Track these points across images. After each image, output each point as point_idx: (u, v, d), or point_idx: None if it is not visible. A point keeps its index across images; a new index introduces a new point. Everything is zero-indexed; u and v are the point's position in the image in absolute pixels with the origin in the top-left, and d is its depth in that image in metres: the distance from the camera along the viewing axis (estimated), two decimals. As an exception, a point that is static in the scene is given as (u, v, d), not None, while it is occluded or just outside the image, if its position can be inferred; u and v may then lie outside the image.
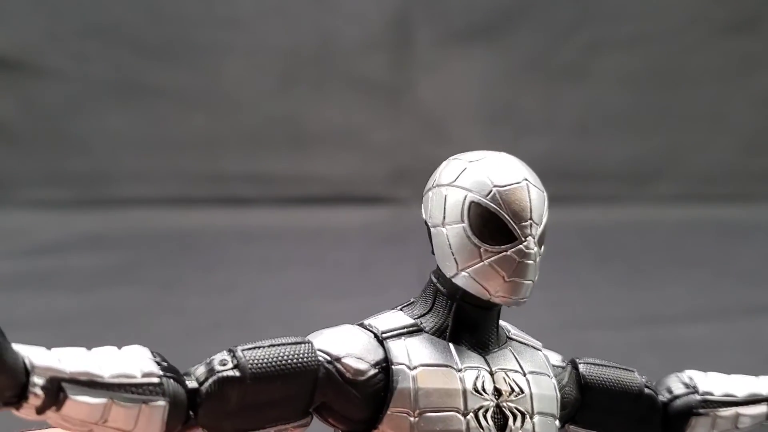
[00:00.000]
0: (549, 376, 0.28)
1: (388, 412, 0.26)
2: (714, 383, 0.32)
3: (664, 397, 0.32)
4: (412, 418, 0.25)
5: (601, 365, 0.32)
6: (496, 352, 0.28)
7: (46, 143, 1.56)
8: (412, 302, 0.30)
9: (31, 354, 0.25)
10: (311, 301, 1.08)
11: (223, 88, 1.56)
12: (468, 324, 0.27)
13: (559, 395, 0.28)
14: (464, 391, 0.26)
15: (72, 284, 1.20)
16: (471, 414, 0.26)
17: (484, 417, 0.26)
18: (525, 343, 0.30)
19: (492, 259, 0.26)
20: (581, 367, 0.31)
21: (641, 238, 1.38)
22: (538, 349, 0.31)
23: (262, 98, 1.56)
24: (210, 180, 1.54)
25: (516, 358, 0.28)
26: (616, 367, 0.32)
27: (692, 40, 1.56)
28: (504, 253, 0.26)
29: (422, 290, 0.30)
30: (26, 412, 0.26)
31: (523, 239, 0.26)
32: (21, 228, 1.45)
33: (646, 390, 0.32)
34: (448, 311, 0.28)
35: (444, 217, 0.27)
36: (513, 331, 0.31)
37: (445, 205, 0.27)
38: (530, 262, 0.26)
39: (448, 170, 0.28)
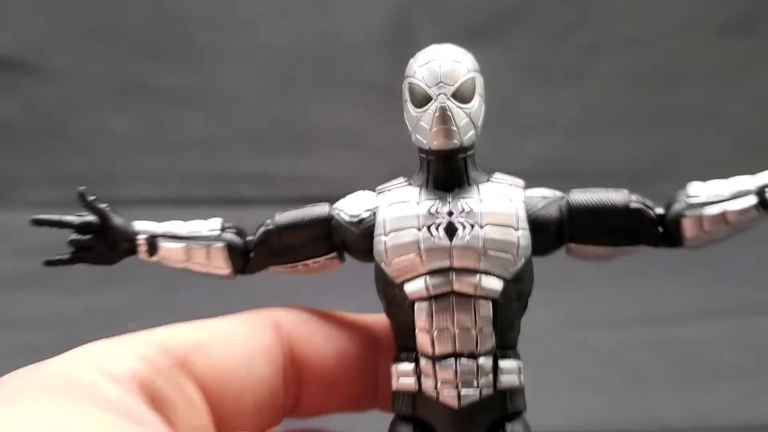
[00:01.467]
0: (509, 199, 0.35)
1: (374, 239, 0.36)
2: (705, 188, 0.36)
3: (661, 210, 0.36)
4: (384, 238, 0.35)
5: (589, 190, 0.36)
6: (460, 189, 0.35)
7: (47, 144, 1.57)
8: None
9: (140, 224, 0.39)
10: (311, 300, 1.08)
11: (224, 89, 1.57)
12: (438, 173, 0.36)
13: (522, 213, 0.35)
14: (419, 214, 0.35)
15: (73, 284, 1.21)
16: (424, 228, 0.34)
17: (436, 229, 0.34)
18: (502, 183, 0.37)
19: (421, 117, 0.35)
20: (569, 195, 0.36)
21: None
22: (517, 186, 0.37)
23: (263, 99, 1.57)
24: (211, 180, 1.55)
25: (478, 191, 0.36)
26: (604, 189, 0.37)
27: (690, 41, 1.56)
28: (426, 110, 0.34)
29: None
30: (143, 256, 0.40)
31: (436, 97, 0.34)
32: (22, 228, 1.46)
33: (633, 204, 0.35)
34: (426, 167, 0.36)
35: (402, 100, 0.36)
36: (498, 175, 0.38)
37: (402, 91, 0.37)
38: (446, 113, 0.34)
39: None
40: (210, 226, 0.40)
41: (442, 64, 0.36)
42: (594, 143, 1.55)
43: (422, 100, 0.35)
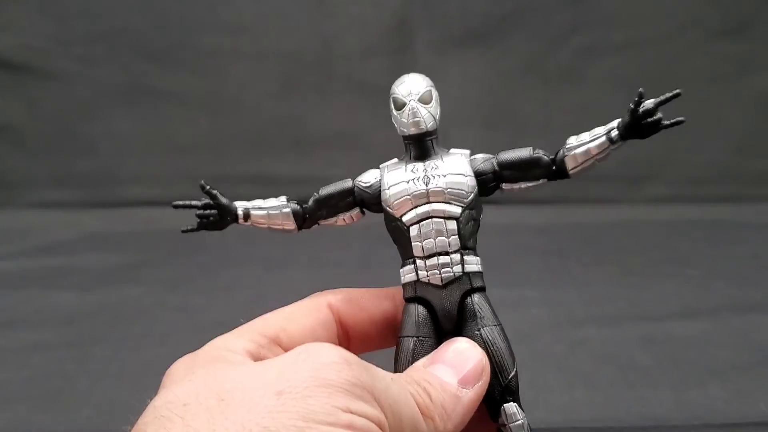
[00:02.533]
0: (461, 160, 0.54)
1: (381, 194, 0.54)
2: (576, 138, 0.54)
3: (552, 156, 0.55)
4: (388, 191, 0.54)
5: (508, 151, 0.56)
6: (430, 158, 0.54)
7: (53, 145, 1.58)
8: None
9: (238, 202, 0.56)
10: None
11: (227, 92, 1.58)
12: (415, 150, 0.55)
13: (468, 167, 0.54)
14: (406, 173, 0.54)
15: (78, 283, 1.22)
16: (411, 181, 0.53)
17: (418, 180, 0.53)
18: (456, 153, 0.55)
19: (401, 116, 0.54)
20: (497, 156, 0.55)
21: (634, 238, 1.40)
22: (464, 153, 0.56)
23: (265, 101, 1.58)
24: (214, 181, 1.54)
25: (441, 158, 0.54)
26: (517, 148, 0.56)
27: (685, 44, 1.57)
28: (402, 111, 0.53)
29: None
30: (241, 221, 0.56)
31: (408, 102, 0.53)
32: (29, 228, 1.47)
33: (535, 154, 0.55)
34: (408, 148, 0.55)
35: (390, 110, 0.55)
36: (453, 149, 0.56)
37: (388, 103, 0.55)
38: (413, 110, 0.53)
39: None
40: (281, 201, 0.57)
41: (410, 83, 0.55)
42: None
43: (401, 105, 0.54)
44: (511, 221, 1.43)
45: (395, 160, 0.56)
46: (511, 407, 0.51)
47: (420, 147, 0.54)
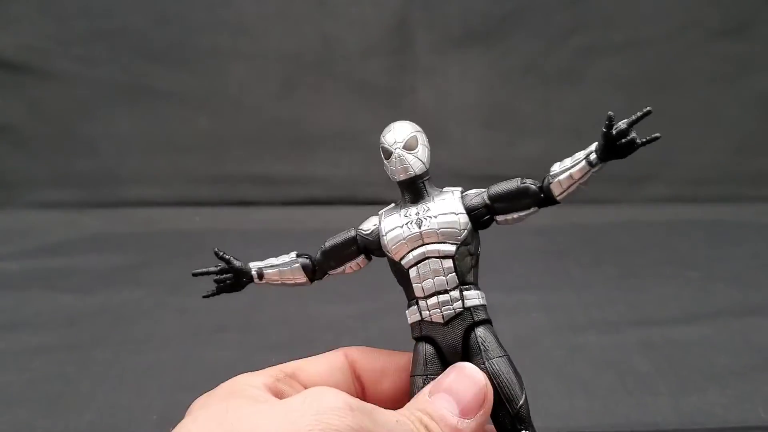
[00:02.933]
0: (452, 198, 0.56)
1: (380, 240, 0.56)
2: (559, 165, 0.55)
3: (539, 183, 0.56)
4: (385, 237, 0.56)
5: (499, 184, 0.57)
6: (423, 200, 0.56)
7: (53, 145, 1.58)
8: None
9: (251, 264, 0.60)
10: (312, 303, 1.10)
11: (227, 92, 1.58)
12: (407, 194, 0.57)
13: (461, 204, 0.56)
14: (401, 219, 0.56)
15: (79, 284, 1.22)
16: (405, 225, 0.55)
17: (411, 224, 0.55)
18: (447, 191, 0.57)
19: (389, 162, 0.56)
20: (488, 189, 0.57)
21: (634, 238, 1.40)
22: (456, 191, 0.57)
23: (265, 101, 1.58)
24: (214, 182, 1.56)
25: (433, 199, 0.56)
26: (506, 180, 0.57)
27: (684, 44, 1.57)
28: (390, 159, 0.55)
29: None
30: (256, 281, 0.60)
31: (393, 151, 0.55)
32: (29, 228, 1.47)
33: (522, 184, 0.56)
34: (402, 192, 0.57)
35: (382, 161, 0.57)
36: (446, 188, 0.58)
37: (381, 156, 0.57)
38: (399, 157, 0.55)
39: None
40: (290, 257, 0.61)
41: (395, 131, 0.56)
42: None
43: (388, 154, 0.56)
44: (511, 221, 1.43)
45: (392, 205, 0.59)
46: None
47: (412, 190, 0.57)
